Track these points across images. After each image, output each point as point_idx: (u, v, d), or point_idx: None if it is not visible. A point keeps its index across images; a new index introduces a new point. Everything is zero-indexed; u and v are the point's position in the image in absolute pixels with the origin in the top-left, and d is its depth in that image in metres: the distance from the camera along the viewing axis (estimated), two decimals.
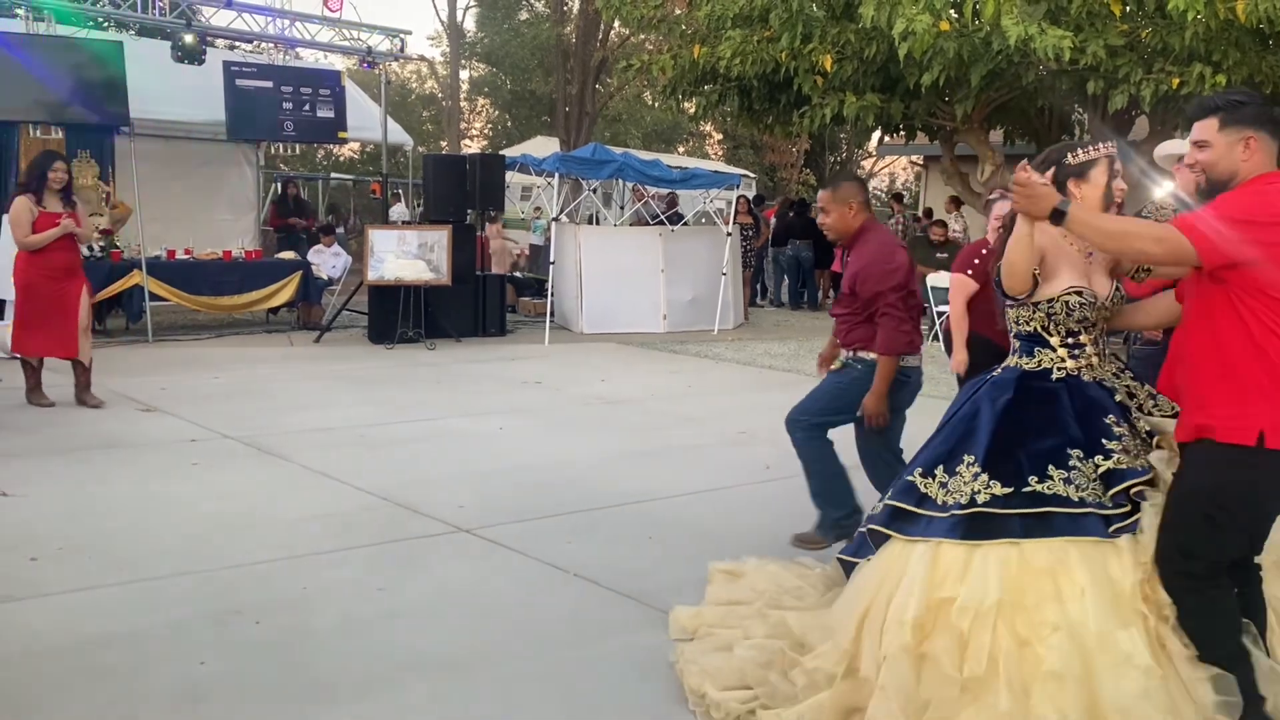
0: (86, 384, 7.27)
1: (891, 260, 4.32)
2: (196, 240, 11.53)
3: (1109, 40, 8.77)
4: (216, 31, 12.20)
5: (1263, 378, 2.67)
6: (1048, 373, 3.10)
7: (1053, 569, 2.85)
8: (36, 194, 6.98)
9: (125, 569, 4.19)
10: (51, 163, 7.11)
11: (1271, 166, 2.82)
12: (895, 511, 3.13)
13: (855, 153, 34.46)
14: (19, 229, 6.94)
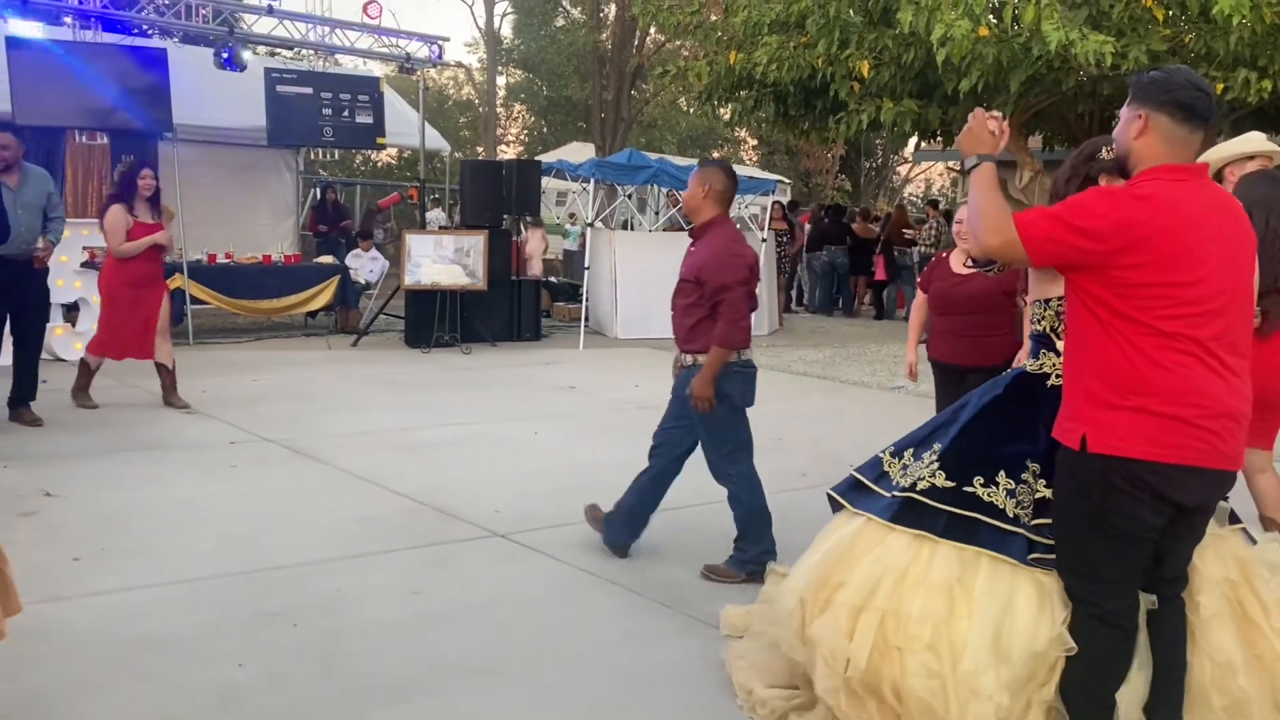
0: (172, 385, 7.43)
1: (739, 254, 4.36)
2: (237, 244, 11.67)
3: (1151, 45, 8.68)
4: (258, 39, 12.36)
5: (1092, 381, 2.60)
6: (1045, 378, 3.00)
7: (951, 585, 2.81)
8: (129, 203, 7.16)
9: (164, 570, 4.24)
10: (140, 172, 7.30)
11: (1170, 159, 2.60)
12: (855, 483, 3.18)
13: (891, 158, 34.25)
14: (114, 237, 7.13)
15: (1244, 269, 2.63)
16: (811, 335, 13.46)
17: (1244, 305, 2.63)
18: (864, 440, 7.19)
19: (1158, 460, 2.54)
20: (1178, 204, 2.56)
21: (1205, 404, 2.54)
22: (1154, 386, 2.53)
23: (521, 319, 11.94)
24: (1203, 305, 2.53)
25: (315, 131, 11.76)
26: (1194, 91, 2.60)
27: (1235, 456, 2.61)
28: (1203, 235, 2.56)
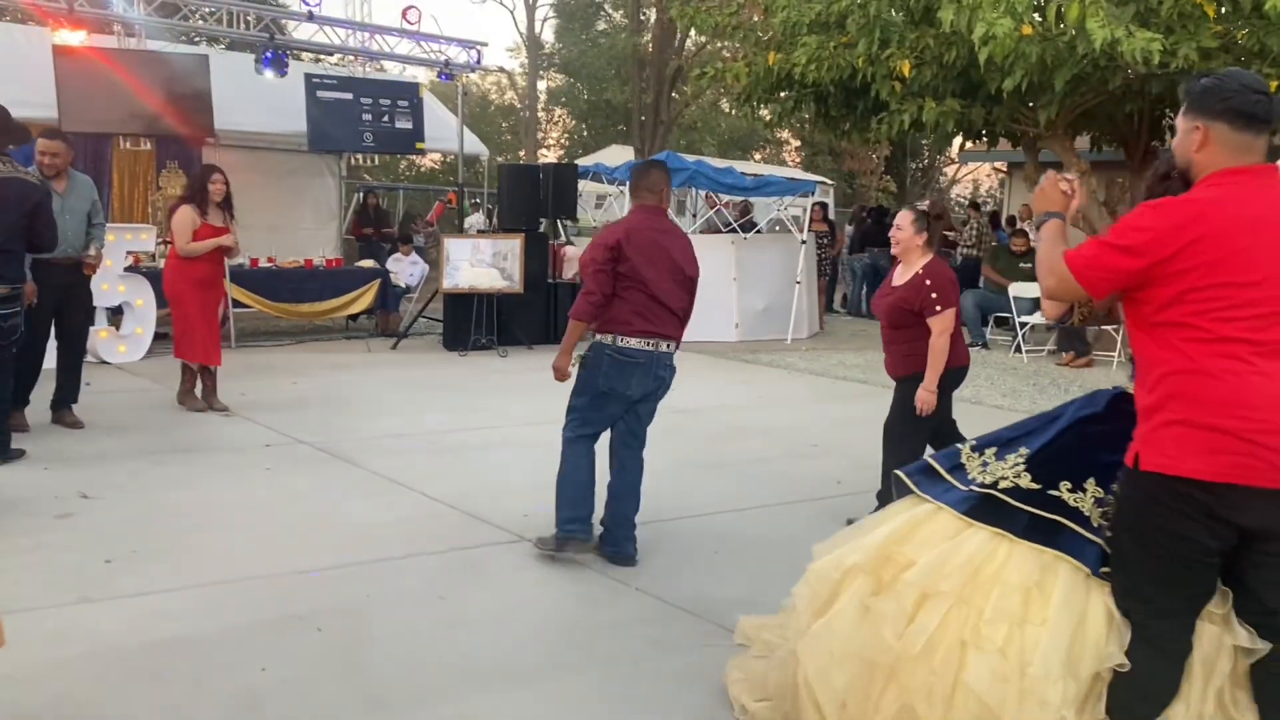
0: (212, 388, 7.53)
1: (603, 237, 4.53)
2: (280, 249, 11.78)
3: (1202, 42, 8.45)
4: (299, 45, 12.49)
5: (1147, 396, 2.52)
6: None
7: (1028, 587, 2.70)
8: (200, 205, 7.28)
9: (194, 573, 4.26)
10: (211, 175, 7.42)
11: (1232, 164, 2.50)
12: (927, 468, 3.05)
13: (937, 159, 33.89)
14: (181, 236, 7.25)
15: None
16: (852, 339, 13.31)
17: None
18: None
19: (1206, 478, 2.40)
20: (1233, 204, 2.46)
21: (1258, 416, 2.38)
22: (1202, 396, 2.41)
23: (557, 322, 11.91)
24: (1260, 308, 2.41)
25: (355, 137, 11.86)
26: (1251, 95, 2.49)
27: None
28: (1264, 235, 2.44)
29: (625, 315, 4.46)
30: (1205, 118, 2.51)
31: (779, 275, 12.69)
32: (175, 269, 7.37)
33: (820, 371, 10.39)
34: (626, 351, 4.47)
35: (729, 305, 12.37)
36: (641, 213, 4.61)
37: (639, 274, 4.42)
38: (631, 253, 4.42)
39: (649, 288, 4.45)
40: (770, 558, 4.67)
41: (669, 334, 4.55)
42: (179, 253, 7.28)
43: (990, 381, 9.90)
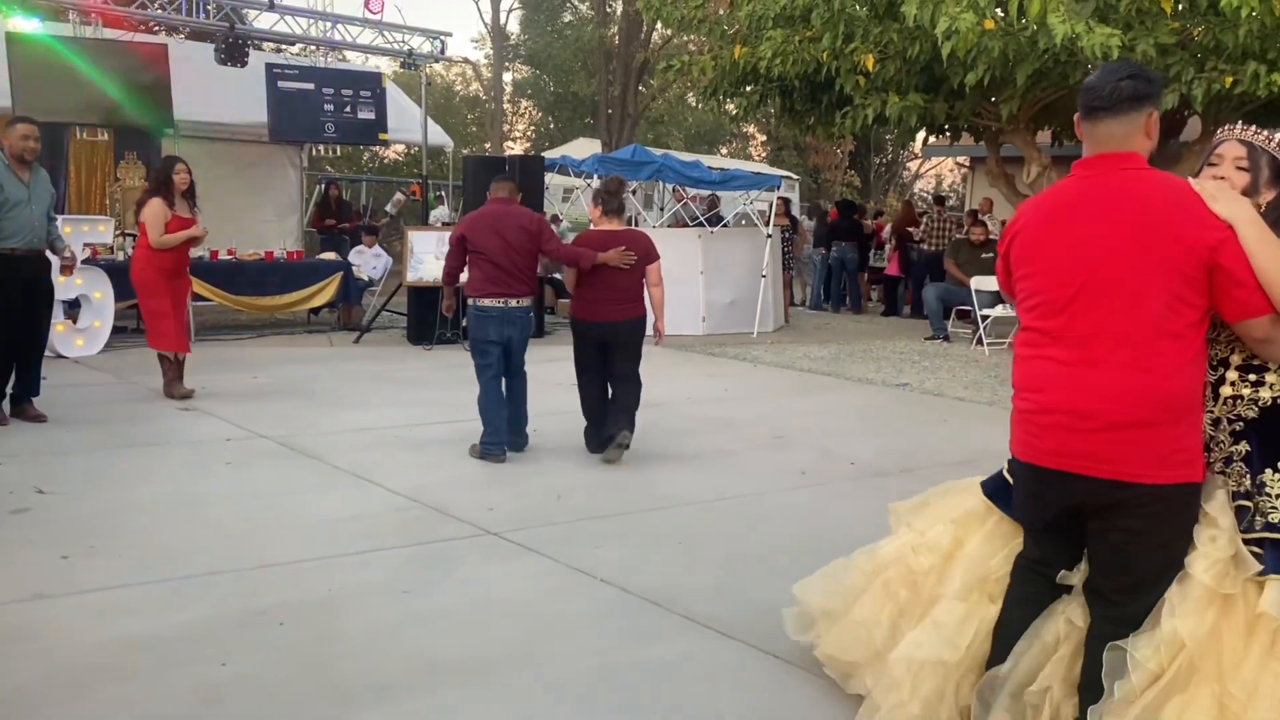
0: (177, 377, 7.52)
1: (461, 223, 6.37)
2: (241, 241, 11.65)
3: (1159, 38, 8.56)
4: (260, 34, 12.33)
5: None
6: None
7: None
8: (167, 197, 7.28)
9: (154, 568, 4.20)
10: (174, 166, 7.45)
11: (1085, 155, 2.61)
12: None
13: (900, 154, 34.12)
14: (155, 229, 7.27)
15: (1110, 257, 2.45)
16: (817, 332, 13.38)
17: (1106, 294, 2.46)
18: (867, 438, 7.13)
19: (1015, 455, 2.71)
20: (1047, 196, 2.65)
21: (1034, 398, 2.56)
22: (1014, 382, 2.67)
23: (541, 321, 11.89)
24: (1044, 295, 2.56)
25: (317, 128, 11.74)
26: (1090, 82, 2.56)
27: (1069, 454, 2.49)
28: (1056, 226, 2.57)
29: (479, 283, 6.02)
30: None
31: (745, 269, 12.73)
32: (144, 260, 7.38)
33: (786, 364, 10.44)
34: (481, 308, 6.03)
35: (696, 299, 12.40)
36: (490, 204, 6.26)
37: (482, 250, 5.98)
38: (473, 236, 6.03)
39: (490, 257, 5.96)
40: (736, 548, 4.69)
41: (516, 292, 6.04)
42: (153, 245, 7.27)
43: (952, 374, 9.99)
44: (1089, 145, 2.58)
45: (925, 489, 3.36)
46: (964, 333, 12.69)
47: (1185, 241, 2.40)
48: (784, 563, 4.52)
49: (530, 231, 6.04)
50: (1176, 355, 2.43)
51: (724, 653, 3.61)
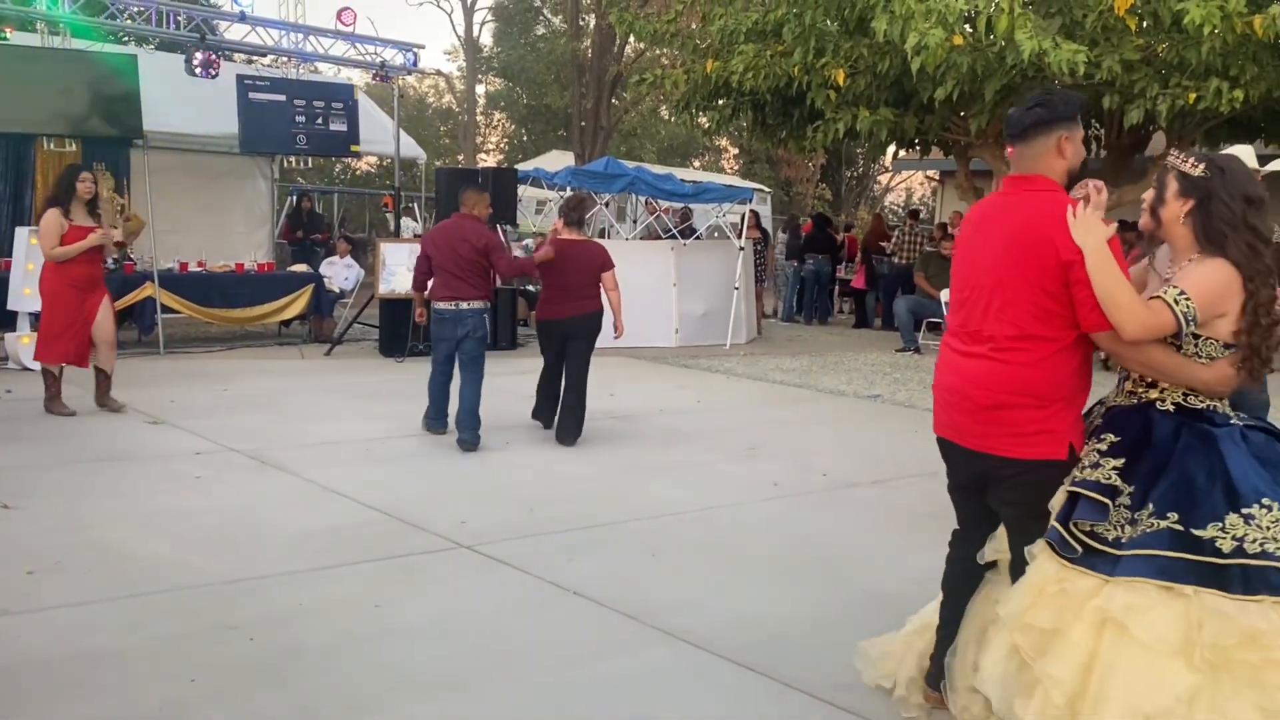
0: (106, 389, 7.40)
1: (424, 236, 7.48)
2: (211, 253, 11.56)
3: (1124, 55, 8.70)
4: (231, 46, 12.27)
5: None
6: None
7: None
8: (65, 207, 7.13)
9: (121, 583, 4.15)
10: (78, 175, 7.28)
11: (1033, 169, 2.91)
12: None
13: (872, 167, 34.37)
14: (48, 240, 7.09)
15: (993, 267, 2.82)
16: (789, 344, 13.44)
17: (985, 297, 2.84)
18: (839, 449, 7.17)
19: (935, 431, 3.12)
20: (974, 211, 3.07)
21: (938, 379, 3.04)
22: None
23: (497, 328, 11.85)
24: (953, 294, 3.02)
25: (288, 139, 11.67)
26: (1009, 113, 2.97)
27: (955, 428, 2.95)
28: (971, 237, 2.97)
29: (437, 289, 6.90)
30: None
31: (718, 281, 12.77)
32: (51, 271, 7.19)
33: (758, 376, 10.47)
34: (438, 310, 6.90)
35: (669, 311, 12.42)
36: (451, 219, 7.07)
37: (439, 262, 6.87)
38: (432, 250, 6.96)
39: (446, 268, 6.83)
40: (709, 560, 4.70)
41: (467, 295, 6.83)
42: (46, 257, 7.13)
43: (923, 385, 10.06)
44: (1015, 165, 2.94)
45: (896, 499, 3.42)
46: (934, 345, 12.79)
47: (1048, 260, 2.73)
48: (757, 574, 4.54)
49: (478, 248, 6.87)
50: (1036, 351, 2.78)
51: (696, 664, 3.62)
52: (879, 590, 4.30)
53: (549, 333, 7.25)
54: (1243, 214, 2.61)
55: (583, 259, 7.12)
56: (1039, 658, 2.59)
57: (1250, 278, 2.60)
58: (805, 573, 4.57)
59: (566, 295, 7.08)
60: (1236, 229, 2.61)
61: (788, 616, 4.05)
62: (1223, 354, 2.66)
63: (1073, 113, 2.87)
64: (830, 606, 4.18)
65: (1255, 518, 2.49)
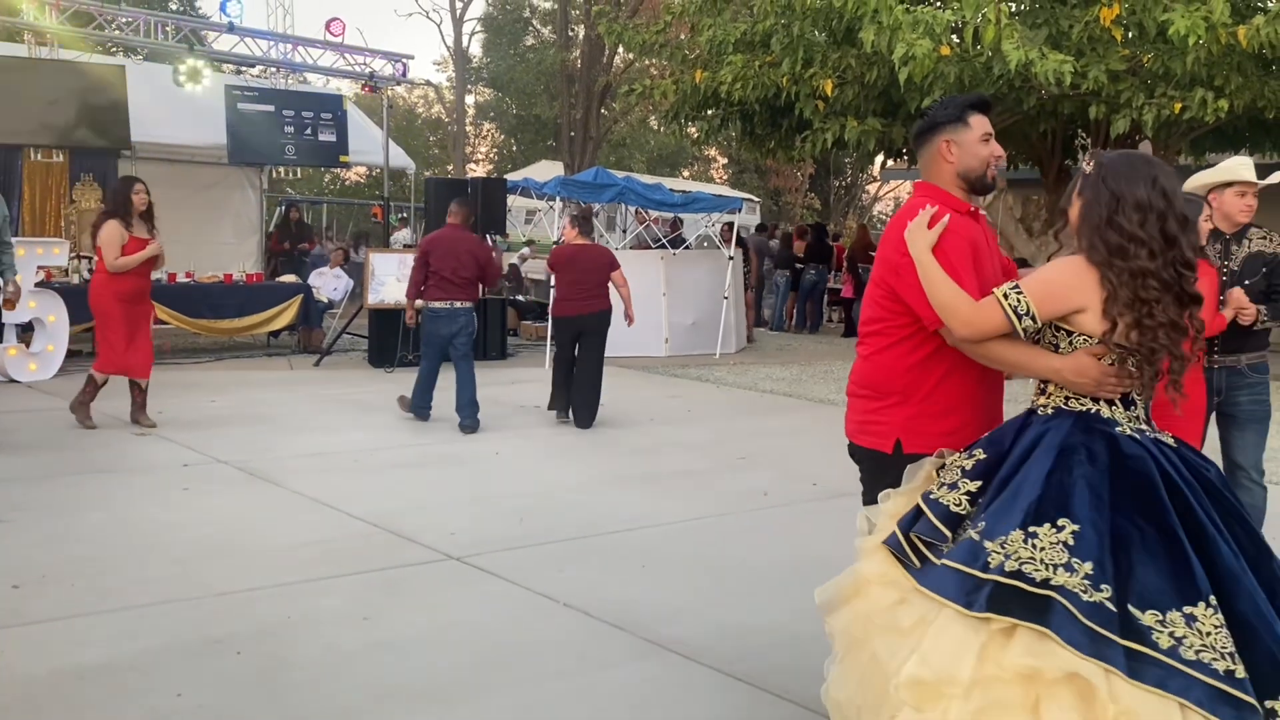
0: (142, 404, 7.37)
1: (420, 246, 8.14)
2: (200, 263, 11.53)
3: (1110, 65, 8.76)
4: (220, 56, 12.26)
5: None
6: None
7: None
8: (124, 219, 7.11)
9: (108, 597, 4.13)
10: (133, 187, 7.27)
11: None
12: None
13: (860, 177, 34.50)
14: (110, 251, 7.08)
15: (874, 269, 2.96)
16: (779, 353, 13.46)
17: (867, 296, 3.01)
18: (828, 459, 7.17)
19: None
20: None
21: None
22: None
23: (487, 338, 11.85)
24: None
25: (277, 150, 11.67)
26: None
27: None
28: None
29: (433, 291, 7.63)
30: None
31: (707, 290, 12.79)
32: (102, 284, 7.21)
33: (748, 385, 10.48)
34: (434, 310, 7.65)
35: (658, 320, 12.42)
36: (447, 228, 7.84)
37: (438, 268, 7.57)
38: (434, 258, 7.61)
39: (444, 274, 7.56)
40: (699, 570, 4.69)
41: (459, 297, 7.64)
42: (110, 269, 7.10)
43: None
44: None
45: None
46: None
47: (889, 260, 2.86)
48: (747, 584, 4.53)
49: (480, 260, 7.75)
50: (877, 344, 2.92)
51: (687, 675, 3.61)
52: None
53: (563, 328, 8.17)
54: (1108, 214, 2.48)
55: (592, 261, 8.05)
56: (834, 662, 2.69)
57: (1110, 276, 2.46)
58: (795, 583, 4.56)
59: (579, 294, 8.00)
60: (1098, 228, 2.50)
61: (778, 627, 4.04)
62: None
63: (951, 116, 2.86)
64: (819, 616, 4.16)
65: (1038, 536, 2.29)
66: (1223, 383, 4.63)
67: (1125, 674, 2.13)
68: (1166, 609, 2.18)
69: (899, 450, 2.82)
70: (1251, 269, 4.56)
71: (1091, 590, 2.20)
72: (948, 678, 2.27)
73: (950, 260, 2.69)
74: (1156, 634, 2.16)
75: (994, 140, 2.91)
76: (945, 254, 2.70)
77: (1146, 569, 2.24)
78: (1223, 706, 2.11)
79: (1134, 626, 2.17)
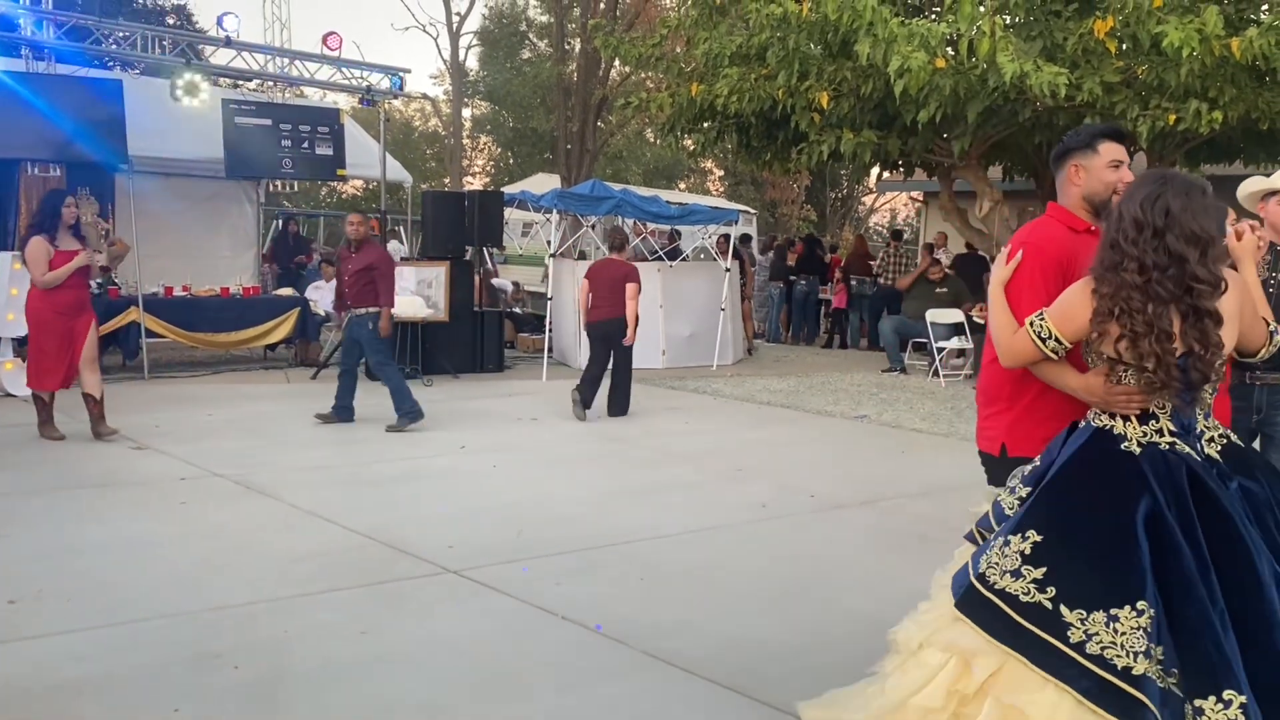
0: (100, 415, 7.33)
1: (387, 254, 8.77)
2: (198, 277, 11.52)
3: (1105, 77, 8.79)
4: (217, 70, 12.28)
5: None
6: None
7: None
8: (50, 233, 7.12)
9: (105, 611, 4.11)
10: (62, 200, 7.29)
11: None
12: None
13: (856, 188, 34.57)
14: (36, 268, 7.08)
15: None
16: (776, 364, 13.46)
17: None
18: (826, 470, 7.17)
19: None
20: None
21: None
22: None
23: (484, 350, 11.85)
24: None
25: (274, 163, 11.67)
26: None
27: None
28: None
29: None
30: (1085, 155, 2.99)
31: (704, 302, 12.80)
32: (37, 298, 7.19)
33: (745, 397, 10.48)
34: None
35: (656, 332, 12.42)
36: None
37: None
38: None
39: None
40: (697, 583, 4.68)
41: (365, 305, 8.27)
42: (36, 284, 7.12)
43: (909, 406, 10.08)
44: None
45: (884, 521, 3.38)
46: (920, 365, 12.83)
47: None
48: (745, 597, 4.52)
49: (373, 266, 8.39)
50: (989, 355, 3.00)
51: (686, 689, 3.60)
52: (867, 613, 4.29)
53: (592, 332, 9.15)
54: (1115, 233, 2.58)
55: (614, 274, 8.98)
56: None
57: (1103, 293, 2.54)
58: (794, 595, 4.56)
59: (602, 302, 8.97)
60: (1102, 246, 2.62)
61: (776, 639, 4.03)
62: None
63: (1081, 143, 3.01)
64: (818, 629, 4.17)
65: (1010, 544, 2.50)
66: (1263, 401, 4.58)
67: (1030, 661, 2.37)
68: (1093, 609, 2.36)
69: (1004, 454, 2.98)
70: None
71: (1036, 593, 2.42)
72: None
73: (1021, 284, 2.86)
74: (1073, 630, 2.36)
75: (1124, 168, 2.98)
76: (1019, 278, 2.87)
77: (1088, 573, 2.41)
78: (1111, 700, 2.29)
79: (1058, 624, 2.37)
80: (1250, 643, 2.33)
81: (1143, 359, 2.48)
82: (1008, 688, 2.40)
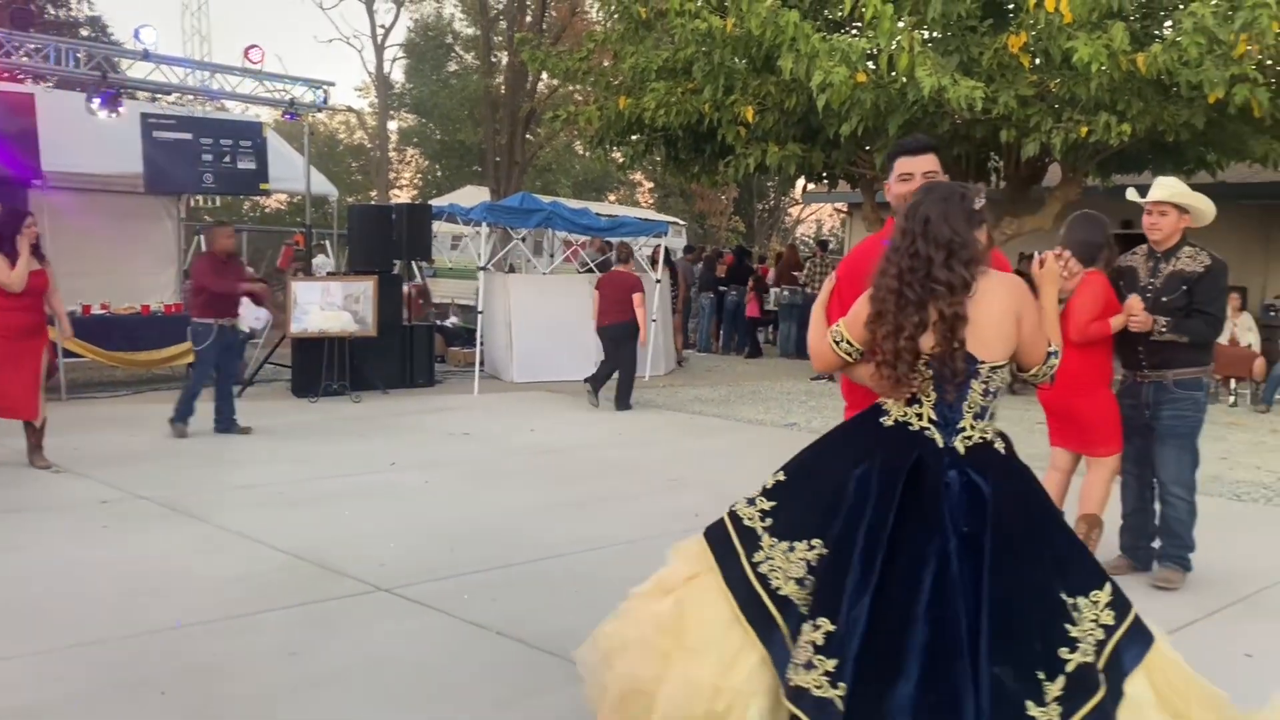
0: (38, 445, 7.11)
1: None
2: (117, 295, 11.25)
3: (1019, 91, 9.06)
4: (134, 84, 12.03)
5: None
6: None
7: None
8: (10, 255, 6.88)
9: (28, 639, 4.00)
10: (23, 221, 7.02)
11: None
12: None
13: (782, 200, 35.04)
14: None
15: None
16: (708, 374, 13.57)
17: None
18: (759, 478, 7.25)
19: None
20: None
21: None
22: None
23: (414, 365, 11.76)
24: None
25: (195, 178, 11.45)
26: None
27: None
28: None
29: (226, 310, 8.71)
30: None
31: None
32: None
33: (677, 407, 10.56)
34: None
35: (588, 344, 12.44)
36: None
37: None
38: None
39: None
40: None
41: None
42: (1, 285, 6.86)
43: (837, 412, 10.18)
44: None
45: None
46: None
47: None
48: None
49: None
50: None
51: None
52: None
53: (600, 335, 10.51)
54: (896, 238, 2.80)
55: (618, 284, 10.32)
56: None
57: (873, 297, 2.77)
58: None
59: (607, 309, 10.28)
60: (883, 255, 2.83)
61: None
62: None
63: (887, 161, 3.37)
64: None
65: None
66: (1150, 397, 4.82)
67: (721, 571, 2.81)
68: (784, 539, 2.75)
69: None
70: (1172, 286, 4.78)
71: (757, 520, 2.85)
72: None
73: (833, 305, 3.11)
74: (759, 552, 2.78)
75: (914, 180, 3.15)
76: (833, 299, 3.15)
77: (798, 510, 2.80)
78: (755, 612, 2.69)
79: (755, 545, 2.79)
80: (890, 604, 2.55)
81: (885, 355, 2.73)
82: (693, 589, 2.82)
